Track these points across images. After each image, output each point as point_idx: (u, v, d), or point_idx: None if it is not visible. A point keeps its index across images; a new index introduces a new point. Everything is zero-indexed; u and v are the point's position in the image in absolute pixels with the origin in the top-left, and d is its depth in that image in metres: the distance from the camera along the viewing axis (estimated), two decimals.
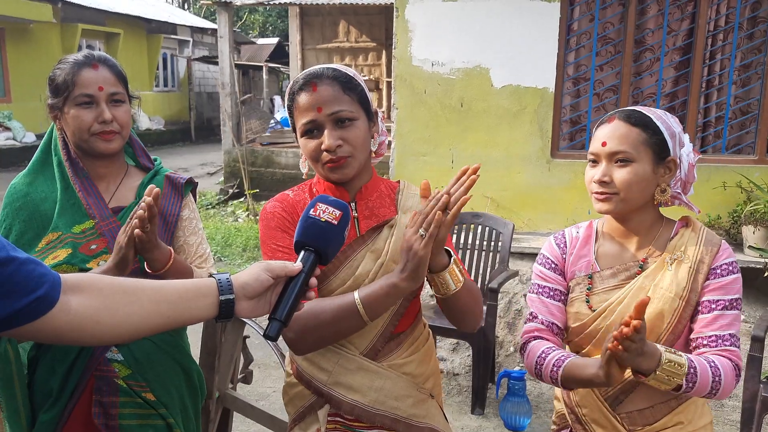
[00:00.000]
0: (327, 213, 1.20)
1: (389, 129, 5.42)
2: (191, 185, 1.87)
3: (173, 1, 27.73)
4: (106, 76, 1.68)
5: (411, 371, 1.50)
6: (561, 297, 1.60)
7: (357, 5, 10.78)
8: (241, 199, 9.28)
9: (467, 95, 5.07)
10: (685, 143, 1.52)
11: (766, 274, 4.20)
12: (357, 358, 1.47)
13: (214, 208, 9.10)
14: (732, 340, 1.44)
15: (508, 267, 3.74)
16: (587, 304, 1.54)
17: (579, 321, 1.55)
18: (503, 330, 4.14)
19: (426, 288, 2.65)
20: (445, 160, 5.17)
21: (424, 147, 5.19)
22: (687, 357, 1.37)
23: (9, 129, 13.24)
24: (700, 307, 1.47)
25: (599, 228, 1.62)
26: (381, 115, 1.59)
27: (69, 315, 0.96)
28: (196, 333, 2.16)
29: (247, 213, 8.48)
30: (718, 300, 1.45)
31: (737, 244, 4.59)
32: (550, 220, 5.05)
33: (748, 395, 2.69)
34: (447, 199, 1.27)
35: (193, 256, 1.80)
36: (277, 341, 1.32)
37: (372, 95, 1.55)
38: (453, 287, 1.37)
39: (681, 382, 1.35)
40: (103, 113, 1.65)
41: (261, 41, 18.22)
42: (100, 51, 1.80)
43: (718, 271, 1.47)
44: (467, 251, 3.92)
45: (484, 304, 3.47)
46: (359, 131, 1.44)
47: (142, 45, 17.75)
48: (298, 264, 1.15)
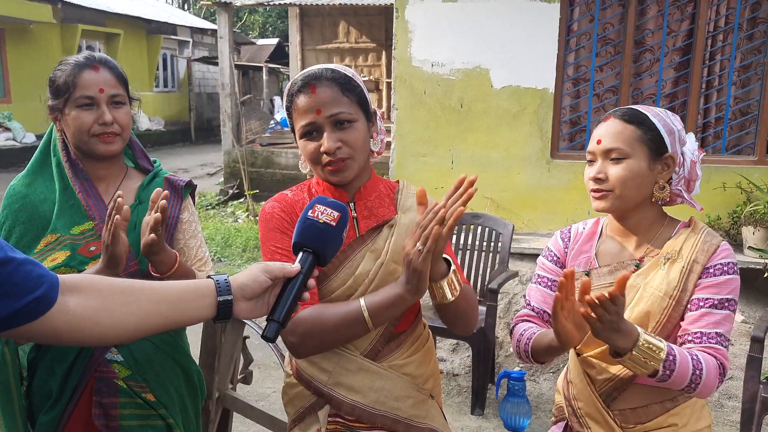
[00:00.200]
0: (325, 214, 1.20)
1: (389, 129, 5.43)
2: (190, 188, 1.87)
3: (173, 2, 27.75)
4: (106, 77, 1.68)
5: (411, 372, 1.51)
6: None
7: (357, 6, 10.79)
8: (241, 200, 9.28)
9: (467, 96, 5.07)
10: (688, 141, 1.52)
11: (765, 274, 4.20)
12: (357, 358, 1.47)
13: (213, 208, 9.10)
14: (718, 338, 1.41)
15: (507, 268, 3.74)
16: None
17: None
18: (503, 330, 4.14)
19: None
20: (445, 160, 5.17)
21: (423, 147, 5.20)
22: (668, 345, 1.36)
23: (9, 129, 13.24)
24: (689, 305, 1.46)
25: (604, 226, 1.63)
26: (380, 115, 1.59)
27: (67, 315, 0.96)
28: (196, 333, 2.16)
29: (247, 213, 8.48)
30: (707, 298, 1.44)
31: (737, 244, 4.59)
32: (549, 220, 5.05)
33: (747, 396, 2.69)
34: (444, 213, 1.27)
35: (193, 259, 1.80)
36: (277, 342, 1.32)
37: (372, 96, 1.55)
38: (449, 297, 1.37)
39: (658, 367, 1.34)
40: (104, 115, 1.65)
41: (261, 42, 18.23)
42: (100, 52, 1.80)
43: (711, 271, 1.45)
44: (467, 252, 3.92)
45: (483, 305, 3.48)
46: (358, 133, 1.44)
47: (142, 45, 17.76)
48: (296, 265, 1.15)
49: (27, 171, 1.76)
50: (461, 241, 3.95)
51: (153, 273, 1.62)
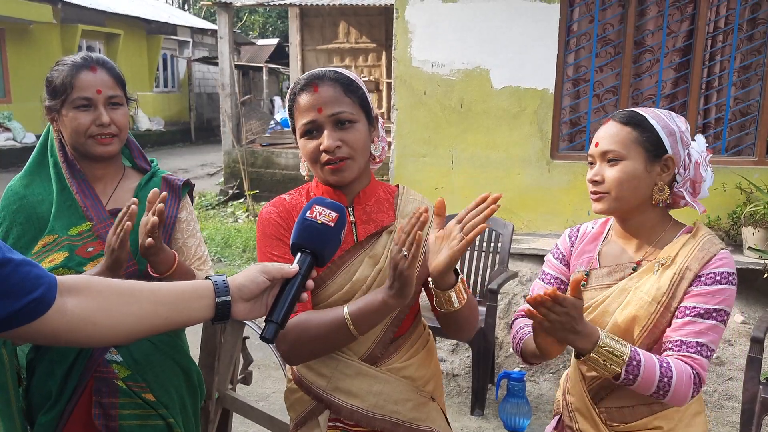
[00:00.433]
0: (323, 215, 1.20)
1: (389, 130, 5.43)
2: (188, 187, 1.87)
3: (173, 2, 27.75)
4: (104, 79, 1.67)
5: (410, 374, 1.50)
6: (560, 286, 1.65)
7: (357, 6, 10.79)
8: (241, 200, 9.28)
9: (467, 96, 5.07)
10: (691, 142, 1.51)
11: (765, 275, 4.20)
12: (355, 363, 1.47)
13: (213, 208, 9.10)
14: (698, 348, 1.40)
15: (507, 268, 3.74)
16: None
17: None
18: (503, 331, 4.13)
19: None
20: (445, 161, 5.17)
21: (423, 148, 5.19)
22: (632, 349, 1.37)
23: (9, 129, 13.25)
24: (677, 312, 1.44)
25: (610, 227, 1.63)
26: (381, 121, 1.58)
27: (66, 316, 0.96)
28: (196, 334, 2.16)
29: (247, 214, 8.48)
30: (694, 307, 1.42)
31: (737, 245, 4.59)
32: (549, 221, 5.05)
33: (747, 396, 2.69)
34: (426, 218, 1.26)
35: (192, 258, 1.80)
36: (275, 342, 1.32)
37: (372, 96, 1.55)
38: (457, 305, 1.36)
39: (619, 370, 1.34)
40: (101, 116, 1.65)
41: (261, 42, 18.23)
42: (99, 52, 1.79)
43: (702, 279, 1.43)
44: (467, 252, 3.92)
45: (483, 305, 3.48)
46: (359, 134, 1.44)
47: (142, 46, 17.76)
48: (294, 266, 1.15)
49: (24, 172, 1.75)
50: None
51: (152, 273, 1.62)
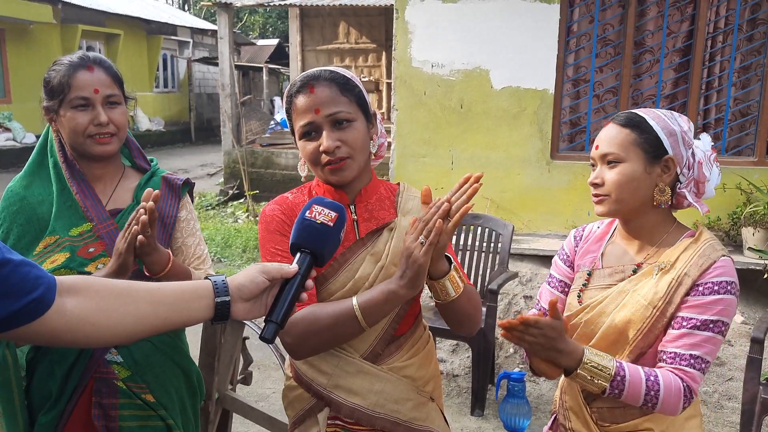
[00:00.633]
0: (323, 215, 1.20)
1: (389, 130, 5.42)
2: (188, 186, 1.86)
3: (173, 2, 27.76)
4: (101, 78, 1.67)
5: (411, 374, 1.50)
6: (564, 288, 1.66)
7: (357, 6, 10.79)
8: (241, 200, 9.28)
9: (467, 97, 5.07)
10: (693, 142, 1.50)
11: (765, 275, 4.20)
12: (357, 361, 1.47)
13: (213, 209, 9.10)
14: (692, 361, 1.38)
15: (507, 268, 3.74)
16: (578, 298, 1.58)
17: (569, 311, 1.60)
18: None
19: (426, 289, 2.66)
20: (445, 161, 5.17)
21: (423, 148, 5.19)
22: (618, 364, 1.37)
23: (9, 130, 13.25)
24: (673, 322, 1.43)
25: (616, 227, 1.63)
26: (380, 117, 1.58)
27: (65, 317, 0.96)
28: (195, 334, 2.16)
29: (247, 214, 8.48)
30: (690, 318, 1.40)
31: (737, 245, 4.59)
32: (549, 221, 5.05)
33: (747, 397, 2.69)
34: (448, 207, 1.28)
35: (192, 257, 1.79)
36: (276, 342, 1.32)
37: (372, 96, 1.55)
38: (453, 294, 1.37)
39: (606, 385, 1.36)
40: (99, 116, 1.64)
41: (261, 42, 18.24)
42: (99, 52, 1.80)
43: (700, 288, 1.41)
44: (467, 252, 3.92)
45: (483, 305, 3.48)
46: (358, 132, 1.44)
47: (142, 46, 17.76)
48: (293, 266, 1.15)
49: (24, 172, 1.75)
50: (461, 242, 3.95)
51: (147, 274, 1.62)
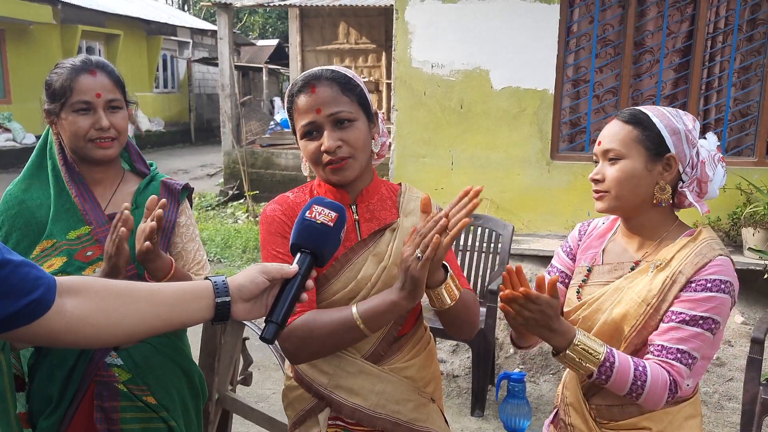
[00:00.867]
0: (323, 215, 1.20)
1: (389, 131, 5.42)
2: (187, 191, 1.86)
3: (173, 3, 27.76)
4: (104, 82, 1.66)
5: (412, 375, 1.50)
6: (565, 279, 1.66)
7: (357, 7, 10.79)
8: (241, 201, 9.28)
9: (467, 97, 5.07)
10: (698, 141, 1.49)
11: (765, 276, 4.20)
12: (358, 361, 1.46)
13: (213, 209, 9.10)
14: (678, 355, 1.39)
15: None
16: (577, 293, 1.58)
17: (568, 307, 1.60)
18: (503, 332, 4.13)
19: None
20: (445, 161, 5.17)
21: (423, 149, 5.19)
22: (608, 350, 1.37)
23: (9, 130, 13.25)
24: (664, 316, 1.44)
25: (620, 223, 1.63)
26: (381, 117, 1.58)
27: (65, 318, 0.96)
28: (195, 335, 2.15)
29: (247, 214, 8.48)
30: (680, 312, 1.41)
31: (737, 246, 4.59)
32: (549, 221, 5.05)
33: (748, 397, 2.69)
34: (446, 223, 1.26)
35: (191, 262, 1.79)
36: (276, 343, 1.32)
37: (372, 97, 1.55)
38: (448, 302, 1.37)
39: (594, 369, 1.36)
40: (101, 120, 1.64)
41: (261, 43, 18.25)
42: (99, 53, 1.79)
43: (693, 285, 1.41)
44: (467, 253, 3.92)
45: (483, 306, 3.48)
46: (359, 132, 1.44)
47: (141, 46, 17.76)
48: (294, 266, 1.15)
49: (23, 175, 1.74)
50: (461, 243, 3.95)
51: (149, 280, 1.61)
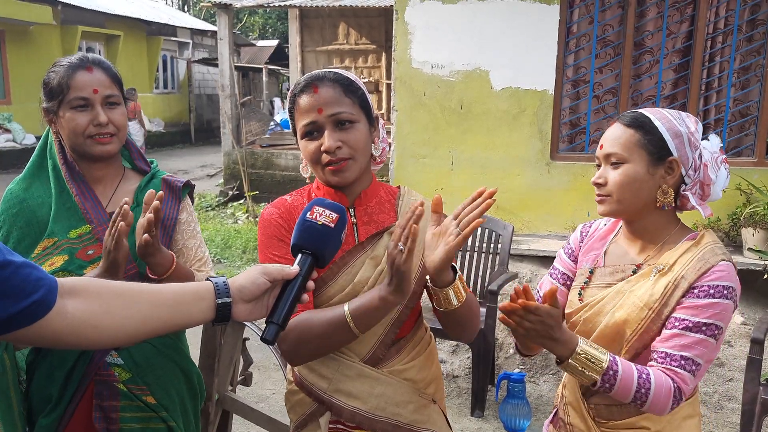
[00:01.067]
0: (324, 216, 1.20)
1: (389, 131, 5.42)
2: (188, 188, 1.86)
3: (173, 3, 27.77)
4: (100, 78, 1.66)
5: (412, 377, 1.50)
6: (566, 282, 1.66)
7: (357, 7, 10.79)
8: (241, 201, 9.28)
9: (467, 97, 5.07)
10: (701, 144, 1.48)
11: (765, 276, 4.20)
12: (357, 365, 1.46)
13: (213, 209, 9.11)
14: (682, 362, 1.38)
15: (507, 269, 3.74)
16: (579, 296, 1.58)
17: (570, 308, 1.60)
18: (503, 332, 4.13)
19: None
20: (445, 162, 5.17)
21: (423, 149, 5.20)
22: (611, 358, 1.37)
23: (9, 131, 13.26)
24: (667, 322, 1.43)
25: (621, 226, 1.63)
26: (382, 122, 1.58)
27: (66, 319, 0.96)
28: (195, 335, 2.15)
29: (247, 215, 8.48)
30: (684, 319, 1.40)
31: (737, 246, 4.59)
32: (549, 222, 5.05)
33: (748, 397, 2.69)
34: (422, 211, 1.25)
35: (193, 259, 1.79)
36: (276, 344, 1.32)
37: (371, 98, 1.55)
38: (455, 303, 1.36)
39: (597, 377, 1.35)
40: (98, 116, 1.64)
41: (261, 43, 18.27)
42: (99, 53, 1.80)
43: (696, 291, 1.41)
44: (467, 253, 3.92)
45: (483, 306, 3.48)
46: (359, 134, 1.44)
47: (142, 47, 17.77)
48: (294, 267, 1.15)
49: (24, 174, 1.74)
50: None
51: (150, 275, 1.61)
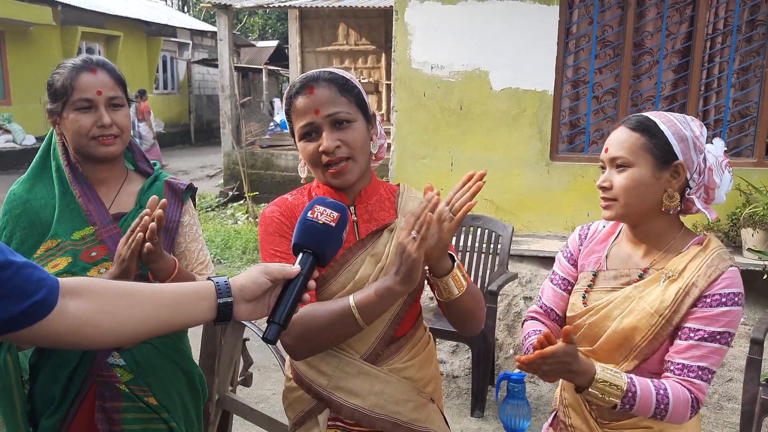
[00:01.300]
0: (325, 215, 1.20)
1: (388, 132, 5.43)
2: (191, 191, 1.86)
3: (173, 4, 27.77)
4: (104, 80, 1.67)
5: (411, 375, 1.50)
6: (567, 287, 1.66)
7: (356, 8, 10.80)
8: (241, 202, 9.28)
9: (466, 98, 5.08)
10: (705, 147, 1.48)
11: (765, 276, 4.20)
12: (357, 362, 1.47)
13: (213, 210, 9.11)
14: (699, 372, 1.39)
15: (507, 269, 3.74)
16: (583, 299, 1.58)
17: (573, 312, 1.60)
18: (503, 332, 4.14)
19: (426, 290, 2.67)
20: (445, 162, 5.17)
21: (423, 150, 5.20)
22: (629, 380, 1.38)
23: (9, 131, 13.26)
24: (680, 332, 1.43)
25: (622, 229, 1.62)
26: (379, 119, 1.58)
27: (67, 319, 0.96)
28: (196, 336, 2.15)
29: (247, 215, 8.48)
30: (698, 329, 1.40)
31: (736, 246, 4.59)
32: (549, 222, 5.05)
33: (747, 397, 2.69)
34: (437, 200, 1.27)
35: (195, 262, 1.79)
36: (277, 344, 1.32)
37: (371, 98, 1.55)
38: (456, 292, 1.37)
39: (617, 401, 1.37)
40: (102, 118, 1.65)
41: (261, 44, 18.28)
42: (99, 54, 1.80)
43: (708, 300, 1.41)
44: (467, 254, 3.92)
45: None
46: (358, 133, 1.44)
47: (141, 48, 17.77)
48: (296, 266, 1.15)
49: (27, 175, 1.75)
50: (461, 243, 3.95)
51: (152, 280, 1.62)
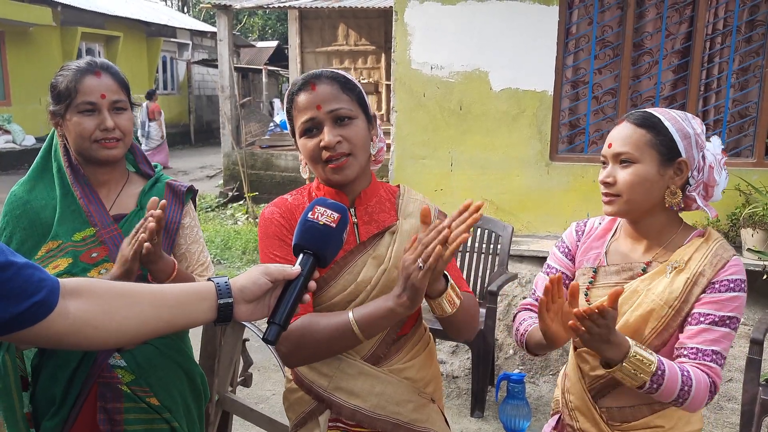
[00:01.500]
0: (325, 216, 1.20)
1: (388, 132, 5.43)
2: (192, 193, 1.87)
3: (173, 5, 27.78)
4: (108, 83, 1.68)
5: (412, 376, 1.51)
6: (564, 280, 1.64)
7: (356, 9, 10.80)
8: (241, 202, 9.28)
9: (466, 98, 5.08)
10: (706, 144, 1.49)
11: (765, 276, 4.20)
12: (358, 363, 1.47)
13: (213, 210, 9.11)
14: (713, 356, 1.40)
15: (507, 270, 3.74)
16: (586, 296, 1.57)
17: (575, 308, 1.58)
18: (502, 333, 4.14)
19: None
20: (445, 163, 5.18)
21: (423, 150, 5.20)
22: (659, 358, 1.37)
23: (9, 132, 13.26)
24: (690, 318, 1.45)
25: (619, 224, 1.63)
26: (379, 121, 1.59)
27: (68, 320, 0.96)
28: (195, 336, 2.15)
29: (247, 216, 8.48)
30: (708, 314, 1.42)
31: (736, 246, 4.59)
32: (549, 222, 5.05)
33: (747, 397, 2.69)
34: (448, 233, 1.27)
35: (195, 264, 1.80)
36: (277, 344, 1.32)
37: (371, 98, 1.56)
38: (449, 311, 1.38)
39: (647, 379, 1.35)
40: (105, 121, 1.65)
41: (260, 44, 18.29)
42: (99, 54, 1.81)
43: (716, 286, 1.44)
44: (466, 254, 3.92)
45: (483, 307, 3.48)
46: (359, 129, 1.44)
47: (141, 48, 17.77)
48: (296, 267, 1.15)
49: (28, 176, 1.75)
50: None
51: (151, 281, 1.62)
